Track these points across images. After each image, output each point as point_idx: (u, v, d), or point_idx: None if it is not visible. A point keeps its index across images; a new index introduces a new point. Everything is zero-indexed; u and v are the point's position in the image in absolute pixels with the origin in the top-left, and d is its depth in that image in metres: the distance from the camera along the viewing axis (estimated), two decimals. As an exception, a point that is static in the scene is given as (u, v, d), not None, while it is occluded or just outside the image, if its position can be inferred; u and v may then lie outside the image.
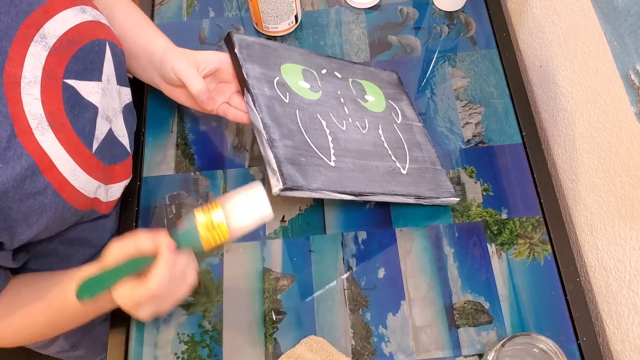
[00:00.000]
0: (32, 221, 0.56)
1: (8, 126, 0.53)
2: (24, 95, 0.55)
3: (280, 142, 0.64)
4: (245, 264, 0.72)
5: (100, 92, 0.64)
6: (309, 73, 0.75)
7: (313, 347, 0.66)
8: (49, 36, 0.59)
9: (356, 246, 0.73)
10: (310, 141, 0.67)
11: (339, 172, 0.66)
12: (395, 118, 0.78)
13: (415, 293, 0.70)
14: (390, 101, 0.80)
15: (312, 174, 0.63)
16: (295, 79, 0.73)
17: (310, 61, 0.77)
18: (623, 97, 0.61)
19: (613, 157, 0.65)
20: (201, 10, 0.92)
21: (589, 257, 0.72)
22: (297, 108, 0.70)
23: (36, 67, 0.56)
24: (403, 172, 0.71)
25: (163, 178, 0.78)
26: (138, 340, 0.68)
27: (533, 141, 0.79)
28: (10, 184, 0.53)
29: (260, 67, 0.71)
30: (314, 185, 0.62)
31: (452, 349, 0.67)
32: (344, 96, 0.76)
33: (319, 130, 0.69)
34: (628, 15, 0.57)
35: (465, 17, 0.89)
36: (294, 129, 0.67)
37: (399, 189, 0.69)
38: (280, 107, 0.68)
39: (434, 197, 0.71)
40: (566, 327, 0.67)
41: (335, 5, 0.92)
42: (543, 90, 0.83)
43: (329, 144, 0.68)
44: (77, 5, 0.64)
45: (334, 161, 0.67)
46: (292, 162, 0.63)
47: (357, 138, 0.72)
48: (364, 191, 0.66)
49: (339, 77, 0.78)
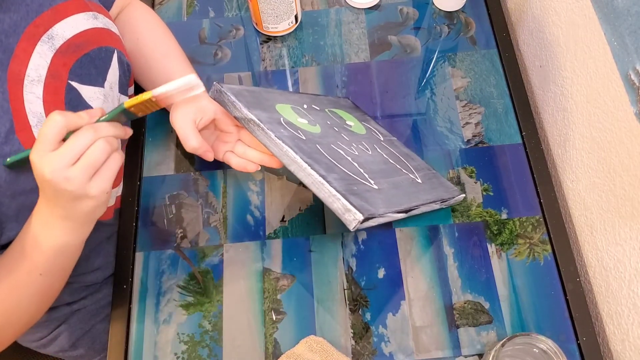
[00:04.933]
0: (22, 218, 0.56)
1: (8, 122, 0.53)
2: (26, 93, 0.55)
3: (330, 177, 0.60)
4: (245, 264, 0.72)
5: (102, 97, 0.65)
6: (297, 109, 0.72)
7: (313, 347, 0.66)
8: (56, 37, 0.59)
9: (356, 246, 0.73)
10: (346, 170, 0.64)
11: (384, 193, 0.64)
12: (378, 136, 0.77)
13: (415, 293, 0.70)
14: (363, 123, 0.78)
15: (371, 199, 0.60)
16: (292, 116, 0.69)
17: (290, 99, 0.74)
18: (623, 97, 0.61)
19: (613, 157, 0.65)
20: (201, 10, 0.92)
21: (589, 257, 0.72)
22: (315, 142, 0.66)
23: (41, 67, 0.57)
24: (419, 181, 0.71)
25: (163, 178, 0.78)
26: (138, 340, 0.68)
27: (533, 141, 0.79)
28: (4, 179, 0.53)
29: (262, 111, 0.66)
30: (382, 210, 0.59)
31: (452, 349, 0.67)
32: (334, 125, 0.73)
33: (343, 159, 0.65)
34: (628, 15, 0.57)
35: (465, 17, 0.89)
36: (328, 162, 0.63)
37: (429, 197, 0.68)
38: (304, 144, 0.64)
39: (450, 198, 0.71)
40: (566, 327, 0.67)
41: (335, 5, 0.92)
42: (543, 90, 0.83)
43: (359, 169, 0.65)
44: (90, 11, 0.64)
45: (374, 183, 0.64)
46: (351, 193, 0.59)
47: (370, 160, 0.69)
48: (410, 206, 0.64)
49: (317, 109, 0.75)
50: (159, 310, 0.70)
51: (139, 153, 0.80)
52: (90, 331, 0.82)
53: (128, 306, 0.70)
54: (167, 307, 0.70)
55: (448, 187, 0.73)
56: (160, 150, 0.80)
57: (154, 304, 0.70)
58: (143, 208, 0.76)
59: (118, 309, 0.70)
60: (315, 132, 0.68)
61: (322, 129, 0.70)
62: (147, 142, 0.81)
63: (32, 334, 0.81)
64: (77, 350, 0.83)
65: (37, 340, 0.81)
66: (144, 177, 0.78)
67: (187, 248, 0.73)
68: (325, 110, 0.76)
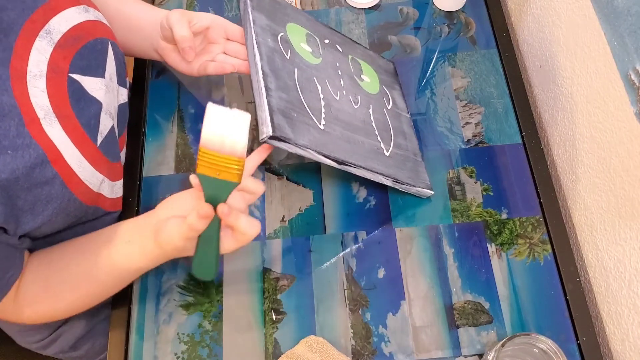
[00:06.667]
0: (37, 211, 0.57)
1: (16, 116, 0.53)
2: (30, 88, 0.55)
3: (275, 93, 0.64)
4: (245, 264, 0.72)
5: (104, 88, 0.65)
6: (312, 38, 0.76)
7: (313, 347, 0.66)
8: (54, 32, 0.59)
9: (356, 246, 0.73)
10: (303, 100, 0.67)
11: (327, 136, 0.66)
12: (386, 103, 0.78)
13: (415, 293, 0.70)
14: (384, 87, 0.81)
15: (301, 130, 0.63)
16: (298, 39, 0.74)
17: (315, 28, 0.78)
18: (623, 97, 0.61)
19: (613, 157, 0.65)
20: (201, 10, 0.92)
21: (589, 257, 0.72)
22: (297, 67, 0.70)
23: (41, 62, 0.57)
24: (386, 153, 0.72)
25: (163, 178, 0.78)
26: (138, 341, 0.68)
27: (533, 141, 0.79)
28: (21, 171, 0.53)
29: (267, 18, 0.71)
30: (301, 142, 0.62)
31: (452, 349, 0.67)
32: (342, 69, 0.76)
33: (313, 92, 0.69)
34: (628, 15, 0.58)
35: (465, 17, 0.89)
36: (290, 84, 0.67)
37: (380, 168, 0.69)
38: (280, 60, 0.68)
39: (410, 185, 0.71)
40: (566, 327, 0.67)
41: (335, 5, 0.92)
42: (543, 90, 0.83)
43: (321, 108, 0.68)
44: (80, 4, 0.65)
45: (324, 125, 0.67)
46: (284, 114, 0.63)
47: (348, 111, 0.72)
48: (347, 160, 0.66)
49: (340, 50, 0.79)
50: (159, 310, 0.70)
51: (139, 153, 0.80)
52: (91, 332, 0.82)
53: (128, 306, 0.70)
54: (167, 307, 0.70)
55: (419, 177, 0.74)
56: (160, 150, 0.80)
57: (154, 304, 0.70)
58: (143, 208, 0.76)
59: (118, 309, 0.70)
60: (310, 62, 0.72)
61: (322, 64, 0.74)
62: (147, 142, 0.81)
63: (32, 336, 0.80)
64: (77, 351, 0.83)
65: (37, 342, 0.81)
66: (144, 177, 0.78)
67: (187, 248, 0.73)
68: (348, 55, 0.79)
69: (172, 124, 0.82)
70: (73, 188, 0.59)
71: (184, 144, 0.80)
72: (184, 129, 0.82)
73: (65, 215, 0.61)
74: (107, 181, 0.66)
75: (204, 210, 0.55)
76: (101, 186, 0.65)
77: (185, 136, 0.81)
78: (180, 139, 0.81)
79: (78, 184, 0.60)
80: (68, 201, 0.59)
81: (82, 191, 0.61)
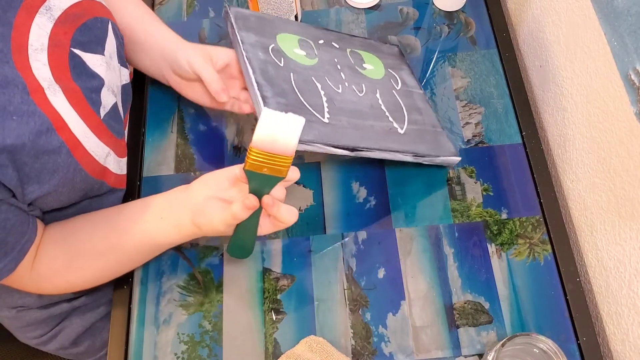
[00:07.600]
0: (44, 180, 0.57)
1: (20, 84, 0.54)
2: (32, 61, 0.56)
3: (273, 99, 0.65)
4: (245, 264, 0.72)
5: (104, 65, 0.66)
6: (306, 42, 0.77)
7: (313, 347, 0.66)
8: (54, 8, 0.60)
9: (356, 246, 0.73)
10: (303, 100, 0.68)
11: (332, 127, 0.67)
12: (395, 85, 0.79)
13: (415, 293, 0.70)
14: (389, 70, 0.81)
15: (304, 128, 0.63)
16: (291, 46, 0.75)
17: (308, 32, 0.79)
18: (623, 97, 0.61)
19: (613, 157, 0.65)
20: (201, 10, 0.92)
21: (589, 257, 0.72)
22: (292, 71, 0.71)
23: (42, 36, 0.58)
24: (400, 131, 0.72)
25: (163, 178, 0.78)
26: (138, 340, 0.68)
27: (533, 141, 0.79)
28: (27, 137, 0.53)
29: (255, 35, 0.73)
30: (306, 138, 0.62)
31: (452, 349, 0.67)
32: (341, 63, 0.77)
33: (313, 91, 0.70)
34: (628, 15, 0.57)
35: (465, 17, 0.89)
36: (287, 88, 0.68)
37: (396, 146, 0.69)
38: (274, 69, 0.70)
39: (433, 156, 0.71)
40: (566, 327, 0.67)
41: (335, 5, 0.92)
42: (543, 90, 0.83)
43: (323, 103, 0.69)
44: None
45: (328, 118, 0.67)
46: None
47: (353, 100, 0.73)
48: (358, 146, 0.66)
49: (336, 47, 0.80)
50: (159, 311, 0.70)
51: (139, 153, 0.80)
52: (91, 328, 0.82)
53: (128, 306, 0.70)
54: (167, 307, 0.70)
55: (441, 147, 0.73)
56: (160, 150, 0.80)
57: (154, 304, 0.70)
58: (143, 208, 0.76)
59: (118, 309, 0.70)
60: (305, 64, 0.74)
61: (318, 64, 0.75)
62: (147, 142, 0.81)
63: (32, 331, 0.81)
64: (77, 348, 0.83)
65: (37, 338, 0.81)
66: (144, 177, 0.78)
67: (187, 248, 0.73)
68: (346, 49, 0.80)
69: (172, 124, 0.82)
70: (79, 158, 0.60)
71: (183, 144, 0.80)
72: (184, 129, 0.82)
73: (71, 187, 0.61)
74: (112, 155, 0.66)
75: (250, 202, 0.58)
76: (107, 159, 0.65)
77: (185, 136, 0.81)
78: (180, 139, 0.81)
79: (84, 154, 0.60)
80: (74, 171, 0.59)
81: (88, 162, 0.61)
